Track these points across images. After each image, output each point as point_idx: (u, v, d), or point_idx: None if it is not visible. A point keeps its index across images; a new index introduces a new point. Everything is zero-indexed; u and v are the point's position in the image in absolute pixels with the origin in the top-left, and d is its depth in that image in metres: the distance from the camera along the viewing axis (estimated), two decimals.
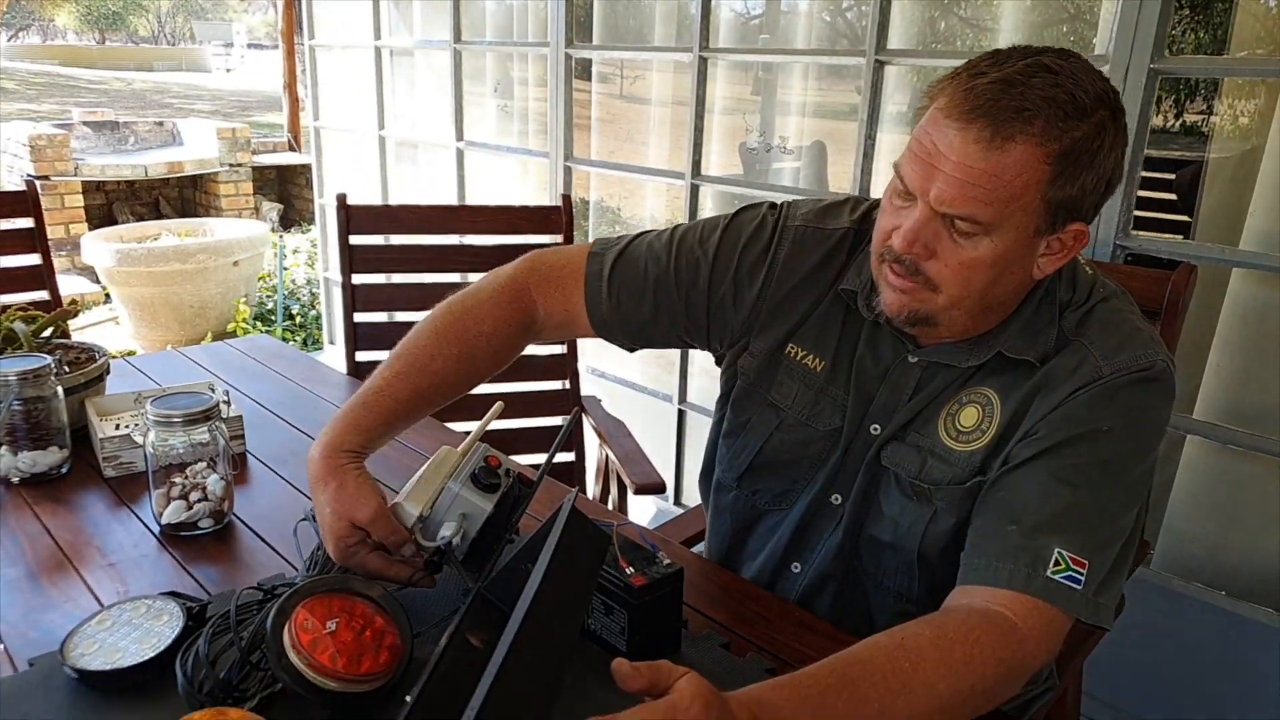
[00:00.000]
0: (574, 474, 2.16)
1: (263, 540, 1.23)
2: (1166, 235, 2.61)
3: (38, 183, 2.41)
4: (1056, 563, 0.93)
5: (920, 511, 1.07)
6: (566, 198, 2.26)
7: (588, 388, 2.34)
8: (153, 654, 0.91)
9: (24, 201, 2.28)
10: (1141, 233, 1.83)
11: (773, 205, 1.21)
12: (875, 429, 1.11)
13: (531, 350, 2.21)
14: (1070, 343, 1.02)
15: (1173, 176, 2.81)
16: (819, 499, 1.15)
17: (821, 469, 1.16)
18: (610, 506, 1.97)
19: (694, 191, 2.60)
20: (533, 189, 3.29)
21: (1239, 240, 1.88)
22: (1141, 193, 1.84)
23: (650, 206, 3.27)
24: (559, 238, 2.21)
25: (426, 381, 1.12)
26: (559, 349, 2.21)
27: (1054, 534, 0.94)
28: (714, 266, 1.18)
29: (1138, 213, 1.82)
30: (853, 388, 1.13)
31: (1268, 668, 1.72)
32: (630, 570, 0.95)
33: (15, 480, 1.36)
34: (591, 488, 2.16)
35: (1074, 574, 0.93)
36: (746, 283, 1.17)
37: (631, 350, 1.28)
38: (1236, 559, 1.89)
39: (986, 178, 0.91)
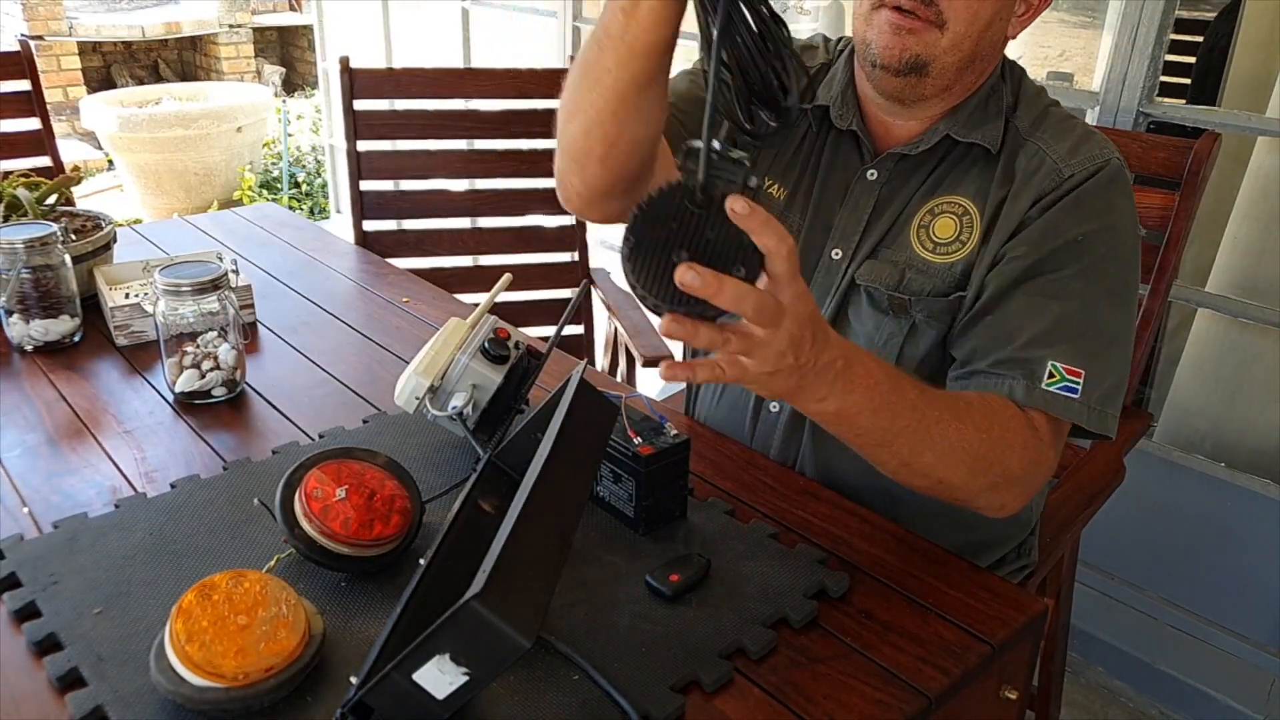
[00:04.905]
0: (583, 346, 2.17)
1: (275, 409, 1.25)
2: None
3: (32, 43, 2.34)
4: (1051, 374, 0.96)
5: (897, 325, 1.08)
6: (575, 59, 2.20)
7: (597, 260, 2.33)
8: None
9: (19, 63, 2.22)
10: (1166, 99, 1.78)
11: None
12: (837, 254, 1.12)
13: (540, 221, 2.20)
14: (1025, 143, 1.05)
15: (1202, 39, 2.68)
16: None
17: None
18: (619, 378, 1.99)
19: None
20: (540, 51, 3.19)
21: (1266, 107, 1.82)
22: (1170, 57, 1.78)
23: None
24: None
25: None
26: (568, 220, 2.19)
27: (1045, 347, 0.96)
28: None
29: (1165, 78, 1.76)
30: (810, 209, 1.14)
31: (1263, 538, 1.76)
32: (638, 440, 0.96)
33: (29, 348, 1.37)
34: (600, 360, 2.17)
35: (1069, 384, 0.96)
36: None
37: None
38: (1238, 432, 1.90)
39: None
